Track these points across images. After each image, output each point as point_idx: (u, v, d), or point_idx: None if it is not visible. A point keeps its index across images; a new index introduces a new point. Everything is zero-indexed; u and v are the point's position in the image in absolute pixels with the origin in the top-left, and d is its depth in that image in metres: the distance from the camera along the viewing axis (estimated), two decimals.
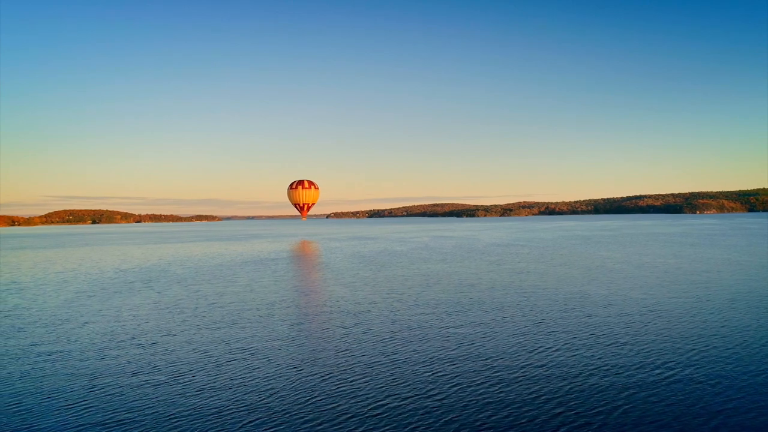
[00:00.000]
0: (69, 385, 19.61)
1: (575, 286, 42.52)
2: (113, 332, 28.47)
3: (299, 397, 17.95)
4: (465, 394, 17.99)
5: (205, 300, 38.89)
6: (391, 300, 37.33)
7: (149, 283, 49.62)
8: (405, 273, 54.21)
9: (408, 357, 22.54)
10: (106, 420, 16.26)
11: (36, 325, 30.72)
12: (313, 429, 15.41)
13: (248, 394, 18.38)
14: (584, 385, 18.62)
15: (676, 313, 30.71)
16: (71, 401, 17.88)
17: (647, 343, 23.94)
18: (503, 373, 20.13)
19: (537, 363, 21.30)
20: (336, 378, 19.90)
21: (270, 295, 40.93)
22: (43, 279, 55.49)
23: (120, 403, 17.69)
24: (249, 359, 22.66)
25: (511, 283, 44.98)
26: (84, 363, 22.50)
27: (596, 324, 28.21)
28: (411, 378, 19.72)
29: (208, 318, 32.02)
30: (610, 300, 35.48)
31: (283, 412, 16.73)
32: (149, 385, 19.47)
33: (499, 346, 23.95)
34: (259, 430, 15.40)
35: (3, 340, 26.98)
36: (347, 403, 17.30)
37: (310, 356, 22.98)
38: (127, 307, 36.40)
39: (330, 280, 50.08)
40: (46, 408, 17.33)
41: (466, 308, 33.48)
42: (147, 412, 16.88)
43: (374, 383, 19.23)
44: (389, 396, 17.92)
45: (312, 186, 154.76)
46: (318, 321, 30.54)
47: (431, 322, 29.58)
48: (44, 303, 39.11)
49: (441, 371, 20.45)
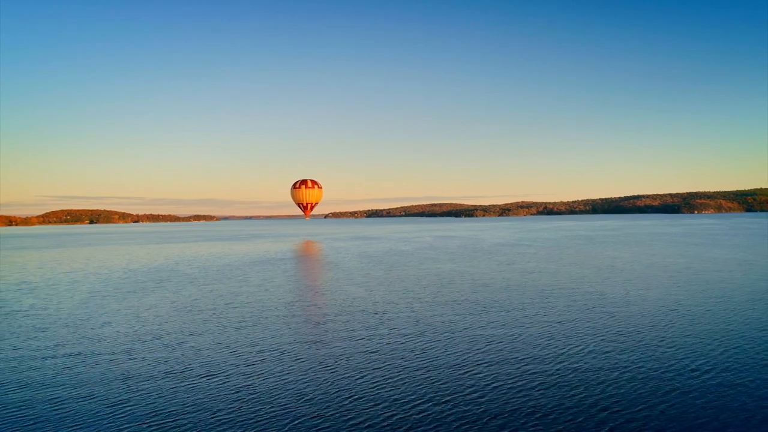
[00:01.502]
0: (105, 386, 19.54)
1: (590, 285, 42.59)
2: (137, 332, 28.38)
3: (338, 398, 17.92)
4: (506, 396, 17.98)
5: (222, 300, 38.80)
6: (409, 300, 37.32)
7: (161, 283, 49.49)
8: (416, 273, 54.21)
9: (439, 357, 22.54)
10: (151, 421, 16.20)
11: (57, 326, 30.60)
12: (353, 430, 15.39)
13: (285, 394, 18.35)
14: (625, 387, 18.65)
15: (698, 312, 30.77)
16: (110, 403, 17.82)
17: (678, 344, 23.99)
18: (540, 375, 20.14)
19: (571, 364, 21.33)
20: (370, 379, 19.88)
21: (286, 295, 40.87)
22: (53, 279, 55.29)
23: (161, 404, 17.63)
24: (280, 359, 22.62)
25: (525, 282, 45.02)
26: (115, 364, 22.42)
27: (620, 324, 28.25)
28: (448, 379, 19.72)
29: (229, 318, 31.94)
30: (628, 300, 35.54)
31: (324, 414, 16.70)
32: (186, 386, 19.41)
33: (529, 347, 23.97)
34: (300, 430, 15.37)
35: (28, 341, 26.87)
36: (387, 404, 17.28)
37: (341, 357, 22.95)
38: (144, 307, 36.30)
39: (342, 279, 50.03)
40: (87, 410, 17.26)
41: (487, 308, 33.49)
42: (189, 413, 16.83)
43: (411, 384, 19.22)
44: (429, 397, 17.91)
45: (315, 185, 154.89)
46: (340, 321, 30.50)
47: (454, 321, 29.58)
48: (60, 303, 38.97)
49: (475, 371, 20.45)
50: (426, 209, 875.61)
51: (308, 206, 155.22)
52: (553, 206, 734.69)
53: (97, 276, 57.38)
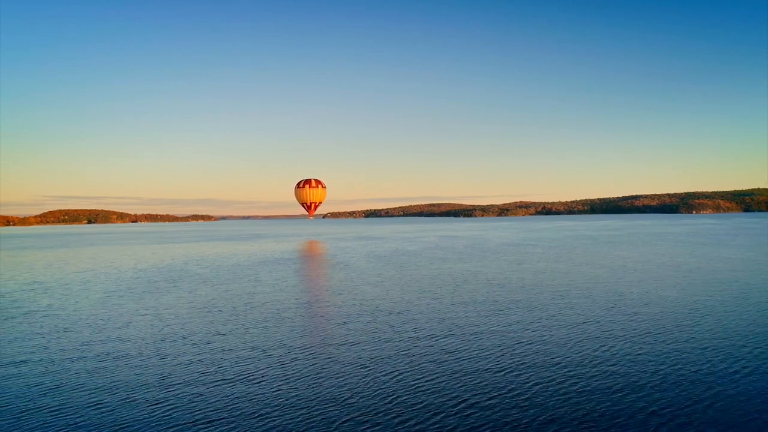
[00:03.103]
0: (143, 388, 19.46)
1: (606, 285, 42.62)
2: (162, 333, 28.29)
3: (379, 398, 17.88)
4: (550, 400, 17.95)
5: (240, 300, 38.71)
6: (428, 300, 37.29)
7: (174, 283, 49.35)
8: (428, 273, 54.19)
9: (472, 358, 22.52)
10: (196, 421, 16.13)
11: (80, 326, 30.48)
12: (400, 430, 15.36)
13: (326, 396, 18.30)
14: (666, 390, 18.65)
15: (720, 311, 30.80)
16: (150, 405, 17.75)
17: (709, 345, 24.01)
18: (580, 378, 20.13)
19: (608, 367, 21.33)
20: (408, 381, 19.84)
21: (303, 295, 40.82)
22: (64, 279, 55.11)
23: (202, 403, 17.56)
24: (313, 360, 22.56)
25: (540, 282, 45.04)
26: (148, 365, 22.34)
27: (645, 324, 28.27)
28: (486, 381, 19.69)
29: (251, 318, 31.87)
30: (648, 300, 35.57)
31: (370, 417, 16.66)
32: (224, 388, 19.34)
33: (561, 348, 23.96)
34: (343, 429, 15.34)
35: (54, 341, 26.76)
36: (431, 406, 17.25)
37: (374, 356, 22.90)
38: (163, 307, 36.19)
39: (355, 279, 49.96)
40: (129, 412, 17.19)
41: (508, 308, 33.48)
42: (232, 412, 16.77)
43: (452, 386, 19.19)
44: (472, 400, 17.89)
45: (319, 185, 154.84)
46: (364, 321, 30.45)
47: (479, 322, 29.56)
48: (77, 303, 38.83)
49: (513, 373, 20.44)
50: (424, 209, 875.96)
51: (312, 206, 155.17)
52: (551, 206, 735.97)
53: (108, 276, 57.22)
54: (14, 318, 33.30)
